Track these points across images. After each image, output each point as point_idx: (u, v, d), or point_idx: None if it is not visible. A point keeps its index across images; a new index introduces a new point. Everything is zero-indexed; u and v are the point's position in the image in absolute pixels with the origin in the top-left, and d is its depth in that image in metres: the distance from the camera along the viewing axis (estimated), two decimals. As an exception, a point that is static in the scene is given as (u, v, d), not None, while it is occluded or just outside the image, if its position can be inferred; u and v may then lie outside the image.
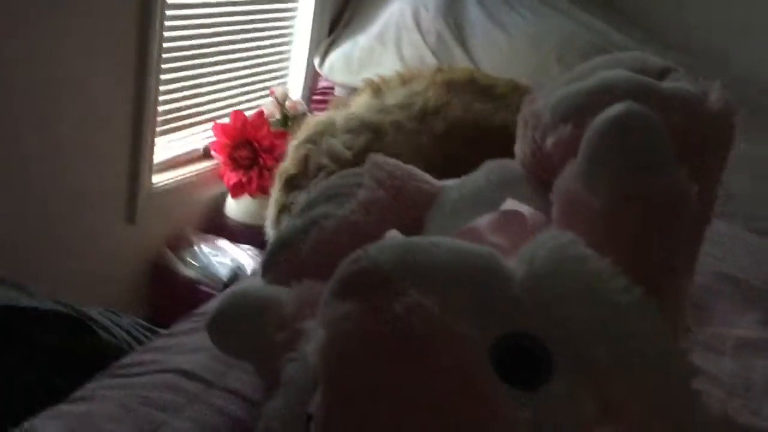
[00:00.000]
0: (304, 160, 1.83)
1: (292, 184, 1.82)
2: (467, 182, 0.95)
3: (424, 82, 1.96)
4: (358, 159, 1.76)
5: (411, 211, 0.94)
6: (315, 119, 1.97)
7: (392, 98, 1.96)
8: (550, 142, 0.80)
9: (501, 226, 0.73)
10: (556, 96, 0.83)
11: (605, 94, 0.76)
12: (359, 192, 0.95)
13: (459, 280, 0.61)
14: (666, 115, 0.72)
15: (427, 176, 1.01)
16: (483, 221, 0.75)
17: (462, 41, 2.73)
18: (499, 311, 0.60)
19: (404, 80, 2.03)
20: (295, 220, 0.95)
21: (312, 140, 1.86)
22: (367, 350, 0.58)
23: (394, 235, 0.80)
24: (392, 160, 1.01)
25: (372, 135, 1.84)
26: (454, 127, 1.84)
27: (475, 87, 1.95)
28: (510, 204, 0.82)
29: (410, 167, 1.02)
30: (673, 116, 0.74)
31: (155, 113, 2.05)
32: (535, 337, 0.59)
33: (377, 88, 2.00)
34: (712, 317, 1.18)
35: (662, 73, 0.85)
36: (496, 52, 2.71)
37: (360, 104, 1.96)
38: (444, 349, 0.58)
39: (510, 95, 1.92)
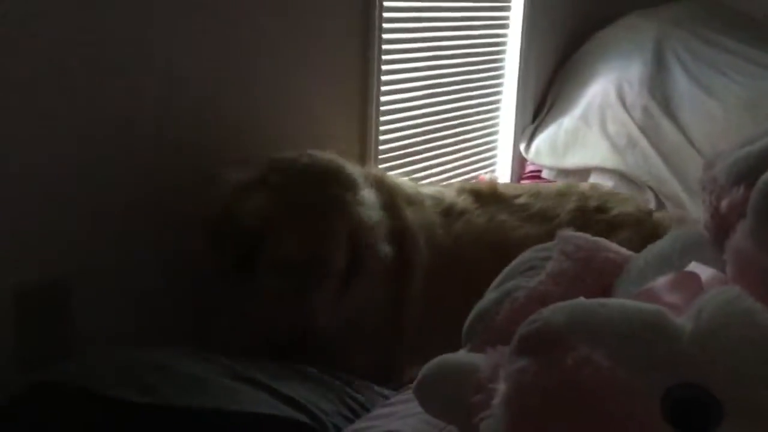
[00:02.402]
0: None
1: None
2: (653, 249, 0.99)
3: (454, 189, 1.98)
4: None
5: (599, 280, 0.99)
6: None
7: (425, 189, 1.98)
8: (724, 204, 0.83)
9: (676, 286, 0.77)
10: (730, 159, 0.86)
11: (775, 155, 0.79)
12: (548, 264, 1.02)
13: (627, 335, 0.66)
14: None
15: (615, 246, 1.06)
16: (659, 283, 0.79)
17: (670, 113, 2.71)
18: (668, 363, 0.65)
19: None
20: (491, 293, 1.04)
21: None
22: (543, 401, 0.65)
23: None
24: (580, 234, 1.07)
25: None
26: (475, 233, 1.84)
27: (499, 199, 1.95)
28: (693, 267, 0.85)
29: (598, 239, 1.07)
30: None
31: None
32: (704, 387, 0.63)
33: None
34: None
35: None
36: (708, 121, 2.66)
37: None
38: (614, 399, 0.63)
39: (532, 203, 1.93)
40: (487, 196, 1.93)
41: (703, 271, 0.82)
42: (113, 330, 1.51)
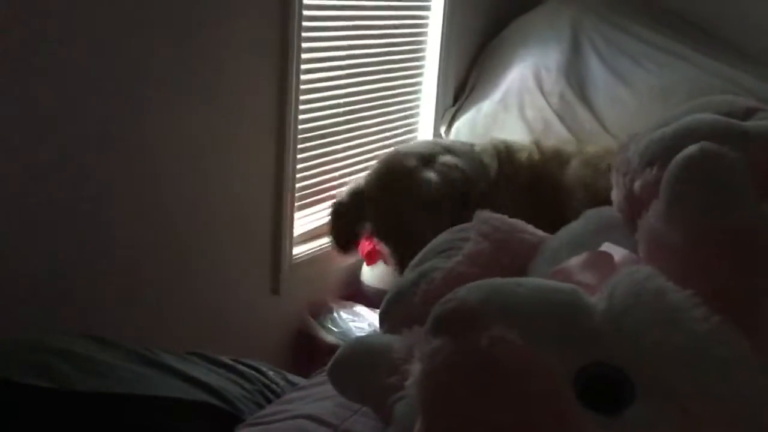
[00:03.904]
0: None
1: None
2: (567, 230, 1.00)
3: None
4: None
5: (515, 261, 0.99)
6: None
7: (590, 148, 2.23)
8: (637, 185, 0.84)
9: (590, 265, 0.78)
10: (643, 142, 0.87)
11: (687, 137, 0.80)
12: (465, 245, 1.01)
13: (541, 315, 0.66)
14: (747, 152, 0.75)
15: (532, 228, 1.06)
16: (573, 262, 0.79)
17: (585, 100, 2.76)
18: (581, 342, 0.65)
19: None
20: (408, 274, 1.03)
21: None
22: (457, 381, 0.64)
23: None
24: (498, 215, 1.07)
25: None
26: None
27: None
28: (606, 247, 0.86)
29: (516, 220, 1.08)
30: (756, 153, 0.77)
31: (293, 189, 2.21)
32: (616, 366, 0.63)
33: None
34: None
35: (748, 113, 0.87)
36: (621, 108, 2.72)
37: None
38: (527, 378, 0.63)
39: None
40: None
41: (616, 251, 0.82)
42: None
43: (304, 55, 2.12)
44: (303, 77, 2.14)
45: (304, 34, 2.10)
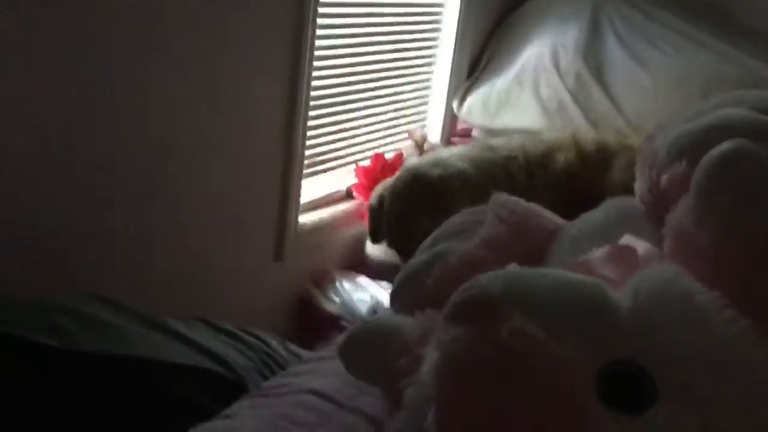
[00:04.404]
0: None
1: None
2: (587, 219, 0.98)
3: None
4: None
5: (532, 246, 0.98)
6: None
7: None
8: (665, 179, 0.82)
9: (613, 259, 0.76)
10: (673, 134, 0.85)
11: (720, 132, 0.78)
12: (482, 228, 1.00)
13: (564, 308, 0.65)
14: (782, 151, 0.73)
15: (549, 213, 1.05)
16: (596, 255, 0.78)
17: (601, 81, 2.72)
18: (604, 338, 0.63)
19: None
20: (421, 255, 1.01)
21: None
22: (475, 370, 0.63)
23: (513, 268, 0.85)
24: (514, 198, 1.05)
25: None
26: None
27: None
28: (627, 240, 0.84)
29: (532, 204, 1.06)
30: (790, 152, 0.75)
31: (302, 157, 2.19)
32: (639, 365, 0.62)
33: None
34: None
35: (784, 111, 0.85)
36: (637, 91, 2.68)
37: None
38: (547, 373, 0.62)
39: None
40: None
41: (639, 244, 0.81)
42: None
43: (319, 20, 2.09)
44: (317, 43, 2.11)
45: (320, 1, 2.07)
